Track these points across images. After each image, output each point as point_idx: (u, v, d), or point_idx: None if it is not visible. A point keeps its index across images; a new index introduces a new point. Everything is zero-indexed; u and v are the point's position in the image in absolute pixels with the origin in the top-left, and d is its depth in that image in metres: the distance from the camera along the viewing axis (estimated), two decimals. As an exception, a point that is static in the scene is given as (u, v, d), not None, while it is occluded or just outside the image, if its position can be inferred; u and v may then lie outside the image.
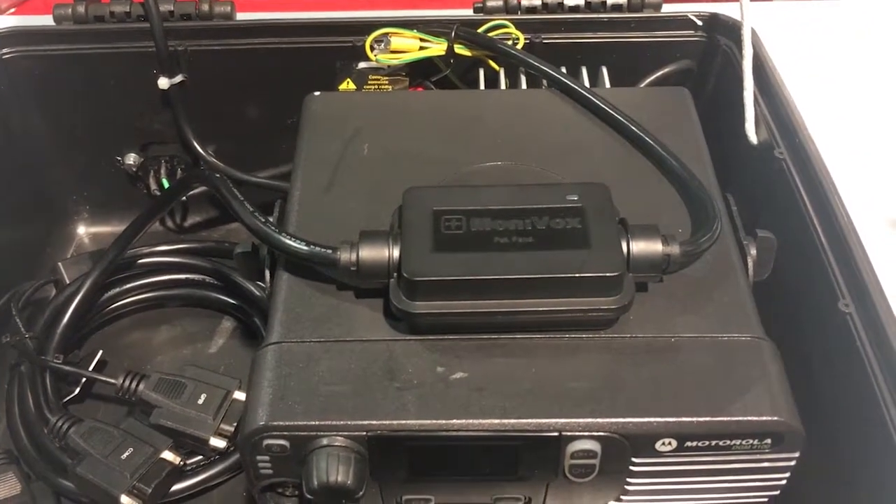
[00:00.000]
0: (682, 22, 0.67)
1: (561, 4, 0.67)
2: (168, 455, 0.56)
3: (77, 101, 0.70)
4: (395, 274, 0.43)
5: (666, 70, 0.66)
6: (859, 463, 0.45)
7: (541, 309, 0.41)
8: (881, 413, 0.42)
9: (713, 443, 0.40)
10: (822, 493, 0.48)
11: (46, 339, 0.62)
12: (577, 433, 0.39)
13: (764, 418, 0.39)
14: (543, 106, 0.57)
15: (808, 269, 0.50)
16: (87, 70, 0.68)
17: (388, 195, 0.47)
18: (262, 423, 0.40)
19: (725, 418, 0.39)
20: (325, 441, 0.40)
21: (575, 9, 0.67)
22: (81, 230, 0.79)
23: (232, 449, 0.58)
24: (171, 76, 0.67)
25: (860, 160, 0.72)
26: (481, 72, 0.64)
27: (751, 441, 0.40)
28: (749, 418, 0.39)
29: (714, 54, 0.66)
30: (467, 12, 0.67)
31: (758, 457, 0.41)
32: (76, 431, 0.56)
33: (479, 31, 0.63)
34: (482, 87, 0.63)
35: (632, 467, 0.41)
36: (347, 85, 0.65)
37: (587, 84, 0.59)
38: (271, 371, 0.42)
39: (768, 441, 0.40)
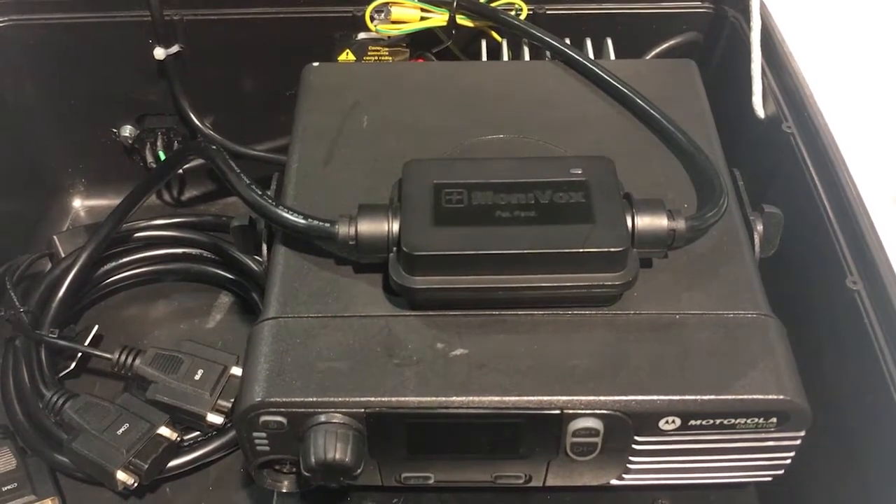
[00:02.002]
0: (688, -8, 0.66)
1: (565, -26, 0.65)
2: (164, 431, 0.56)
3: (72, 71, 0.69)
4: (394, 248, 0.42)
5: (672, 42, 0.65)
6: (867, 442, 0.44)
7: (543, 285, 0.41)
8: (889, 391, 0.41)
9: (717, 421, 0.39)
10: (829, 473, 0.48)
11: (42, 313, 0.61)
12: (578, 411, 0.39)
13: (769, 397, 0.39)
14: (547, 78, 0.56)
15: (816, 246, 0.49)
16: (82, 39, 0.67)
17: (388, 168, 0.47)
18: (258, 399, 0.39)
19: (730, 396, 0.39)
20: (323, 418, 0.39)
21: (580, -22, 0.66)
22: (77, 203, 0.78)
23: (229, 425, 0.57)
24: (167, 46, 0.66)
25: (871, 135, 0.71)
26: (483, 43, 0.63)
27: (756, 420, 0.39)
28: (754, 396, 0.39)
29: (721, 26, 0.65)
30: (470, -18, 0.66)
31: (763, 436, 0.40)
32: (72, 406, 0.56)
33: (482, 1, 0.62)
34: (484, 58, 0.62)
35: (634, 446, 0.41)
36: (347, 56, 0.64)
37: (591, 56, 0.58)
38: (268, 346, 0.41)
39: (774, 420, 0.39)
